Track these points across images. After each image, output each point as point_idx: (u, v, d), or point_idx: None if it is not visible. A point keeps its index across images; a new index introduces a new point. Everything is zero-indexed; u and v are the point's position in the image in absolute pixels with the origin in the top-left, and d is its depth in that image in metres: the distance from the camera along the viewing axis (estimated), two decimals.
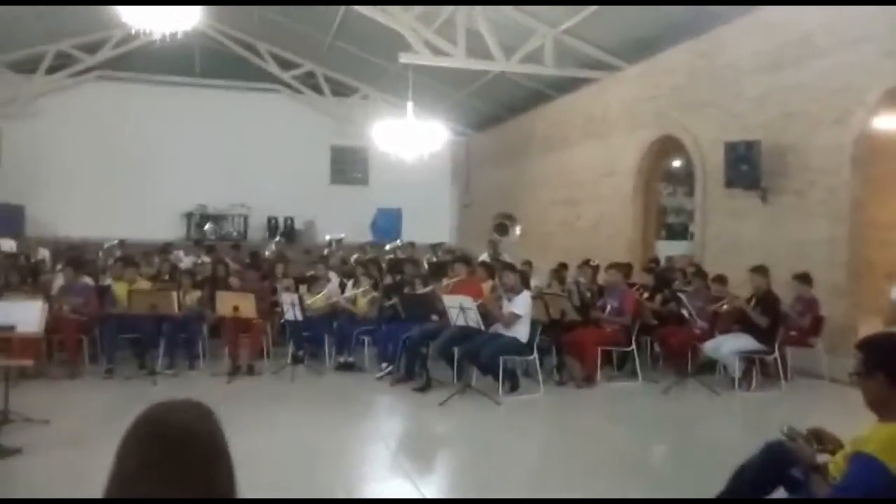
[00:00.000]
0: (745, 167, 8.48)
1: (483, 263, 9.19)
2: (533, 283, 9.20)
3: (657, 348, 8.39)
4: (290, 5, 13.59)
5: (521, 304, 7.07)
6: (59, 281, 8.79)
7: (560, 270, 9.21)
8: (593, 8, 10.03)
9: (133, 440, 1.46)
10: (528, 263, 10.23)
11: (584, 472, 5.00)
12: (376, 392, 7.43)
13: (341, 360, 8.24)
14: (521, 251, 12.77)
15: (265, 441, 5.72)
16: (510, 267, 7.92)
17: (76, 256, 9.88)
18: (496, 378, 6.95)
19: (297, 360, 8.12)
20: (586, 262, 9.69)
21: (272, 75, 18.23)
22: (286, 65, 18.14)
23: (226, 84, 18.33)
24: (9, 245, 11.35)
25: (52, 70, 17.06)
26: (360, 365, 8.27)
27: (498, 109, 16.06)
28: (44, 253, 11.83)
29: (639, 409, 6.98)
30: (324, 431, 5.99)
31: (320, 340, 8.55)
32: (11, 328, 5.69)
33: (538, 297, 7.80)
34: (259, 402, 7.11)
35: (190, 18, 9.96)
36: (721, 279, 7.90)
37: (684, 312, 7.67)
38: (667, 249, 14.38)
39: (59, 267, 9.78)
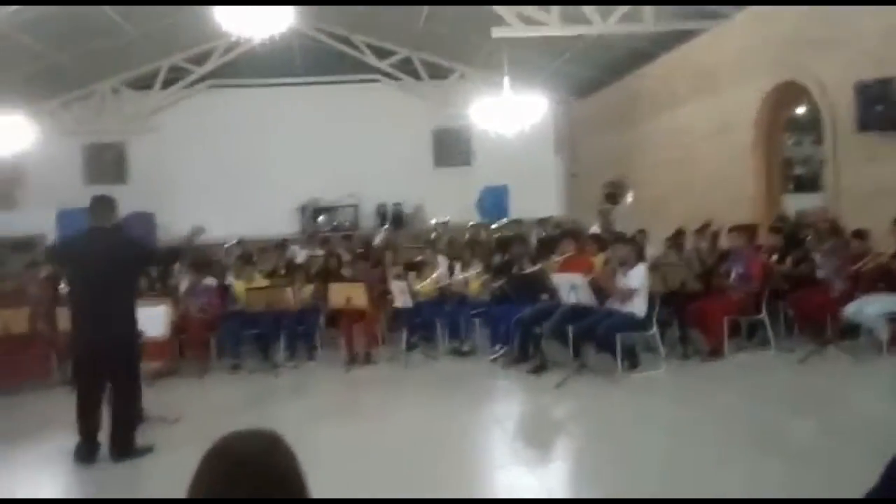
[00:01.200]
0: (881, 107, 7.62)
1: (593, 236, 8.84)
2: (648, 252, 8.76)
3: (791, 314, 7.72)
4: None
5: (637, 277, 6.72)
6: (184, 283, 9.25)
7: (677, 237, 8.70)
8: None
9: (203, 471, 1.40)
10: (642, 232, 9.74)
11: (718, 456, 4.62)
12: (490, 375, 7.32)
13: (455, 344, 8.18)
14: (634, 219, 12.22)
15: (383, 429, 5.78)
16: (622, 238, 7.55)
17: (199, 259, 10.36)
18: (614, 356, 6.65)
19: (411, 346, 8.15)
20: (705, 227, 9.11)
21: (370, 65, 18.40)
22: (382, 53, 18.24)
23: (327, 79, 18.67)
24: None
25: (166, 84, 18.02)
26: (473, 348, 8.18)
27: (599, 73, 15.42)
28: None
29: (774, 382, 6.46)
30: (439, 418, 5.96)
31: (432, 325, 8.53)
32: (141, 332, 5.99)
33: (654, 268, 7.38)
34: (376, 390, 7.22)
35: (284, 20, 10.14)
36: (861, 234, 7.17)
37: (819, 274, 7.01)
38: (797, 203, 13.36)
39: (185, 268, 10.30)
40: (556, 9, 11.06)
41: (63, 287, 7.65)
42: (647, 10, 10.82)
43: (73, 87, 17.33)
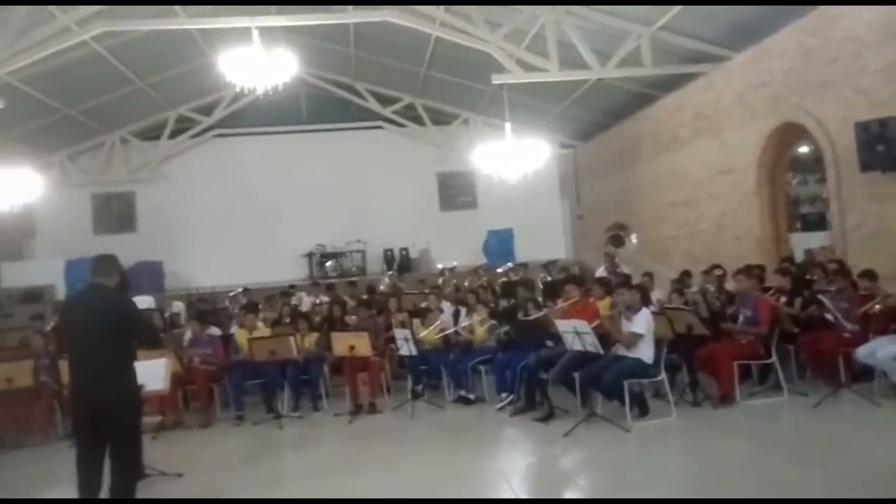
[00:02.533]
0: (881, 147, 7.60)
1: (598, 280, 8.78)
2: (654, 296, 8.70)
3: (802, 357, 7.58)
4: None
5: (642, 323, 6.63)
6: (188, 334, 9.22)
7: (682, 280, 8.62)
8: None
9: None
10: (649, 275, 9.68)
11: None
12: (497, 424, 7.19)
13: (461, 392, 8.07)
14: (641, 260, 12.18)
15: (389, 482, 5.67)
16: (626, 283, 7.48)
17: (202, 309, 10.36)
18: (623, 403, 6.53)
19: (416, 395, 8.04)
20: (712, 269, 9.05)
21: (374, 112, 18.67)
22: (386, 100, 18.52)
23: (331, 126, 18.94)
24: (147, 301, 12.08)
25: (174, 134, 18.30)
26: (480, 396, 8.06)
27: (601, 117, 15.56)
28: (178, 306, 12.51)
29: (788, 428, 6.33)
30: (446, 470, 5.84)
31: (438, 373, 8.44)
32: (141, 387, 5.92)
33: (660, 312, 7.31)
34: (382, 441, 7.09)
35: (288, 70, 10.32)
36: (870, 275, 7.08)
37: (828, 316, 6.91)
38: (804, 242, 13.29)
39: (188, 319, 10.28)
40: (554, 55, 11.20)
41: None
42: (646, 54, 10.95)
43: (82, 138, 17.61)
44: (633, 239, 11.33)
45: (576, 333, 6.58)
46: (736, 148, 10.72)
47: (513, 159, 12.16)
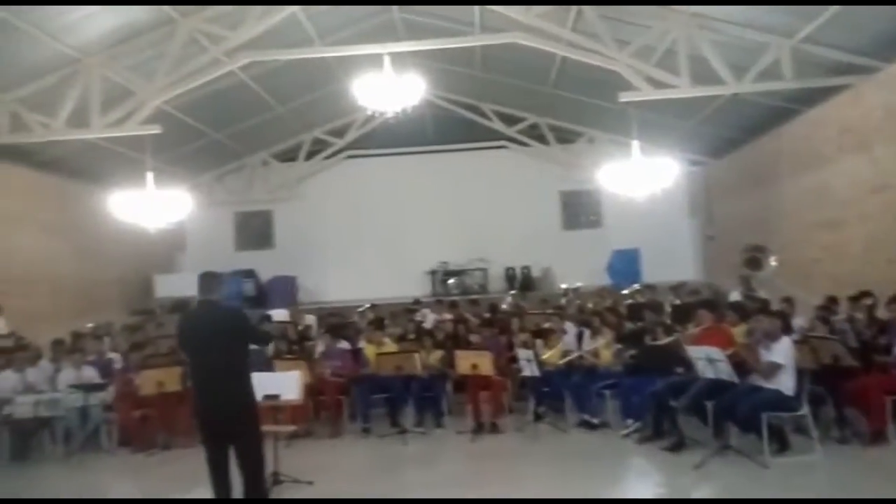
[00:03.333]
0: None
1: (733, 306, 8.35)
2: (796, 323, 8.15)
3: None
4: None
5: (782, 352, 6.25)
6: (320, 346, 9.63)
7: (827, 307, 8.04)
8: (834, 9, 8.87)
9: None
10: (789, 301, 9.10)
11: None
12: (623, 452, 6.99)
13: (584, 416, 7.91)
14: (780, 284, 11.47)
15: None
16: (765, 309, 7.08)
17: (333, 323, 10.79)
18: (760, 437, 6.16)
19: (538, 416, 7.97)
20: (861, 296, 8.37)
21: (498, 132, 18.82)
22: (510, 120, 18.63)
23: (457, 147, 19.27)
24: (282, 315, 12.75)
25: (309, 156, 19.33)
26: (604, 421, 7.87)
27: (735, 133, 14.85)
28: (310, 319, 13.12)
29: None
30: (568, 496, 5.73)
31: (560, 396, 8.32)
32: (276, 397, 6.28)
33: (803, 341, 6.84)
34: (503, 461, 7.09)
35: (416, 93, 10.66)
36: None
37: None
38: None
39: (320, 332, 10.74)
40: (686, 70, 10.85)
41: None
42: (786, 66, 10.37)
43: (227, 161, 18.94)
44: (772, 261, 10.68)
45: (709, 360, 6.29)
46: (889, 165, 9.90)
47: (640, 177, 11.85)
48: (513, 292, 15.35)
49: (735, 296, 10.24)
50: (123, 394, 8.35)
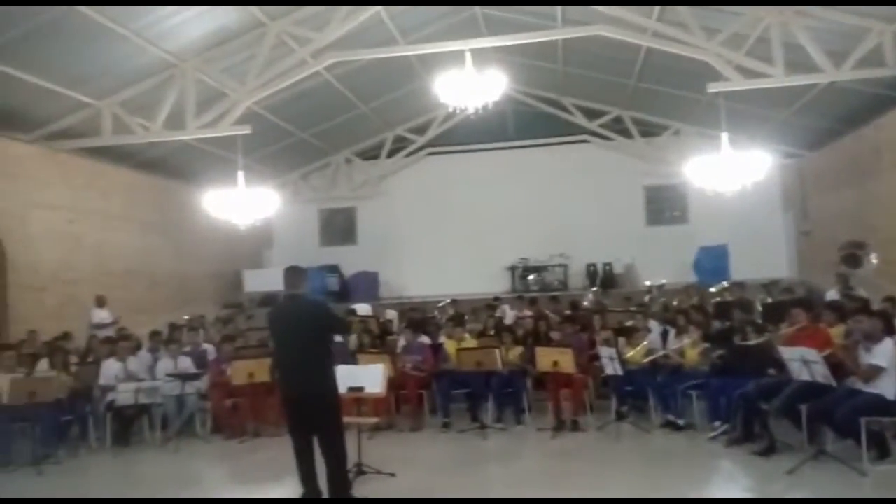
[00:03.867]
0: None
1: (830, 305, 7.95)
2: None
3: None
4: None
5: (884, 354, 5.89)
6: (401, 341, 9.77)
7: None
8: None
9: None
10: (892, 300, 8.56)
11: None
12: (709, 454, 6.77)
13: (669, 417, 7.72)
14: (882, 283, 10.83)
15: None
16: (865, 309, 6.70)
17: (414, 318, 10.93)
18: (858, 443, 5.84)
19: (620, 416, 7.83)
20: None
21: (580, 126, 18.56)
22: (592, 114, 18.34)
23: (537, 142, 19.14)
24: (365, 309, 13.02)
25: (391, 153, 19.65)
26: (690, 422, 7.65)
27: (832, 123, 14.09)
28: (392, 314, 13.33)
29: None
30: (653, 498, 5.62)
31: (644, 395, 8.14)
32: (361, 389, 6.42)
33: None
34: (584, 460, 7.00)
35: (497, 88, 10.65)
36: None
37: None
38: None
39: (402, 327, 10.91)
40: (780, 59, 10.39)
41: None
42: (889, 52, 9.77)
43: (312, 159, 19.49)
44: (873, 259, 10.09)
45: (803, 362, 6.02)
46: None
47: (730, 171, 11.42)
48: (594, 289, 15.11)
49: (832, 294, 9.73)
50: (216, 383, 8.74)
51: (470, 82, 10.49)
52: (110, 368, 8.69)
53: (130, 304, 13.69)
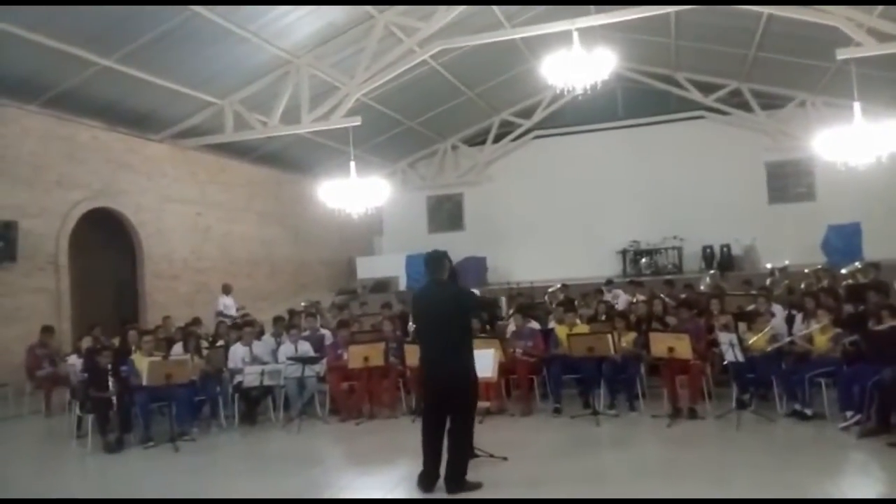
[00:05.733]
0: None
1: None
2: None
3: None
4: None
5: None
6: (511, 326, 9.77)
7: None
8: None
9: None
10: None
11: None
12: (840, 446, 6.36)
13: (795, 406, 7.31)
14: None
15: (713, 494, 5.37)
16: None
17: (523, 303, 10.89)
18: None
19: (742, 404, 7.48)
20: None
21: (694, 102, 17.81)
22: (708, 88, 17.52)
23: (648, 120, 18.56)
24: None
25: (497, 138, 19.62)
26: (818, 412, 7.21)
27: None
28: (500, 299, 13.35)
29: None
30: (778, 490, 5.35)
31: (767, 383, 7.75)
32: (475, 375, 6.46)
33: None
34: (703, 449, 6.76)
35: (606, 67, 10.37)
36: None
37: None
38: None
39: (510, 312, 10.90)
40: None
41: (411, 327, 8.75)
42: None
43: (420, 147, 19.78)
44: None
45: None
46: None
47: (862, 143, 10.61)
48: (711, 272, 14.48)
49: None
50: (333, 367, 9.08)
51: (578, 62, 10.28)
52: (237, 352, 9.21)
53: (253, 292, 14.48)
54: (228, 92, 12.31)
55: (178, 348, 9.17)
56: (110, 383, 8.00)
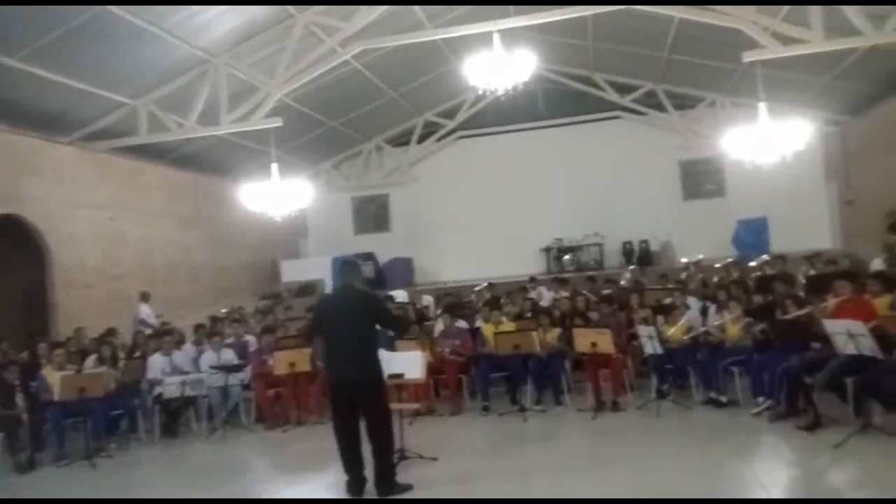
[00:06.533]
0: None
1: (875, 275, 7.74)
2: None
3: None
4: None
5: None
6: (439, 326, 9.81)
7: None
8: None
9: None
10: None
11: None
12: (753, 430, 6.70)
13: (711, 394, 7.64)
14: None
15: (634, 483, 5.55)
16: None
17: (451, 303, 10.97)
18: None
19: (661, 394, 7.77)
20: None
21: (611, 102, 18.30)
22: (624, 89, 18.04)
23: (568, 120, 18.95)
24: (402, 296, 13.11)
25: (421, 139, 19.63)
26: (732, 398, 7.56)
27: (875, 87, 13.64)
28: (428, 299, 13.40)
29: None
30: (697, 475, 5.60)
31: (685, 373, 8.07)
32: (400, 376, 6.47)
33: None
34: (626, 439, 6.99)
35: (526, 68, 10.54)
36: None
37: None
38: None
39: (438, 312, 10.95)
40: (818, 23, 10.08)
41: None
42: None
43: (344, 148, 19.59)
44: None
45: (849, 335, 5.89)
46: None
47: (768, 142, 11.16)
48: (632, 267, 14.95)
49: (878, 264, 9.54)
50: (258, 374, 8.90)
51: (499, 63, 10.40)
52: (156, 362, 8.91)
53: (172, 299, 14.00)
54: (142, 92, 11.86)
55: (92, 360, 8.80)
56: (19, 400, 7.60)
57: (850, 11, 9.80)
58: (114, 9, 9.13)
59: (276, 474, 7.08)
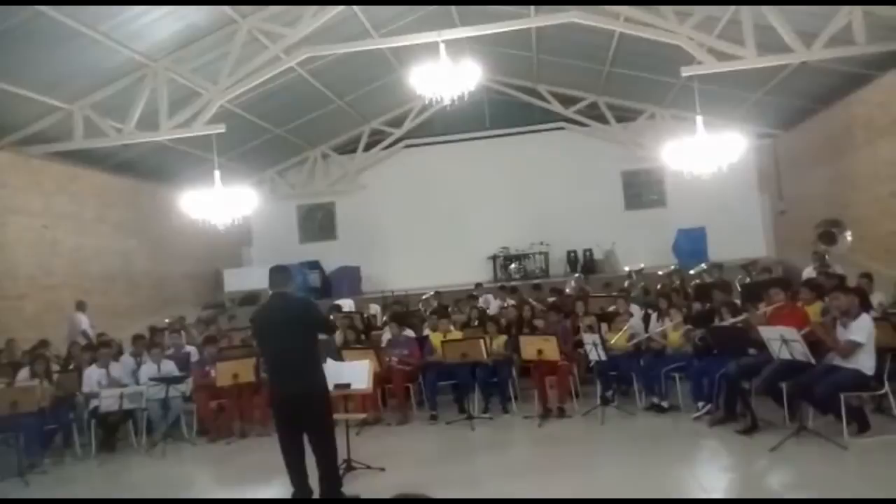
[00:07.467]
0: None
1: (807, 283, 8.06)
2: (875, 299, 7.84)
3: None
4: None
5: (861, 330, 6.01)
6: (386, 335, 9.77)
7: None
8: None
9: None
10: (868, 276, 8.71)
11: None
12: (694, 435, 6.87)
13: (653, 400, 7.81)
14: (858, 259, 11.02)
15: (579, 487, 5.62)
16: (842, 286, 6.81)
17: (399, 312, 10.93)
18: (838, 418, 5.96)
19: (605, 401, 7.89)
20: None
21: (556, 113, 18.62)
22: (567, 101, 18.39)
23: (514, 130, 19.18)
24: (348, 304, 12.99)
25: (368, 147, 19.55)
26: (674, 404, 7.75)
27: (806, 102, 14.26)
28: (375, 308, 13.33)
29: None
30: (639, 479, 5.71)
31: (628, 379, 8.24)
32: (347, 386, 6.42)
33: (883, 318, 6.57)
34: (571, 446, 7.07)
35: (472, 78, 10.63)
36: None
37: None
38: None
39: (385, 321, 10.90)
40: (751, 40, 10.48)
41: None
42: (859, 30, 9.89)
43: (289, 155, 19.36)
44: (848, 236, 10.28)
45: (783, 341, 6.11)
46: None
47: (705, 153, 11.54)
48: (577, 275, 15.19)
49: (809, 273, 9.90)
50: (200, 385, 8.68)
51: (445, 73, 10.46)
52: (92, 375, 8.60)
53: (110, 309, 13.55)
54: (78, 96, 11.47)
55: (24, 373, 8.43)
56: None
57: (781, 30, 10.22)
58: (47, 10, 8.83)
59: (218, 487, 6.92)
